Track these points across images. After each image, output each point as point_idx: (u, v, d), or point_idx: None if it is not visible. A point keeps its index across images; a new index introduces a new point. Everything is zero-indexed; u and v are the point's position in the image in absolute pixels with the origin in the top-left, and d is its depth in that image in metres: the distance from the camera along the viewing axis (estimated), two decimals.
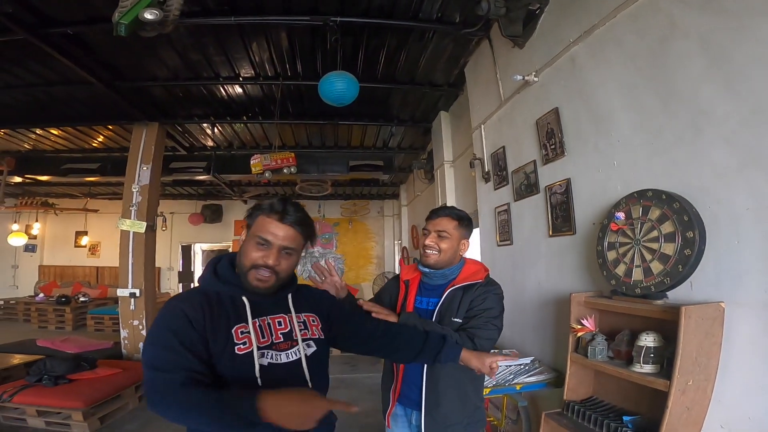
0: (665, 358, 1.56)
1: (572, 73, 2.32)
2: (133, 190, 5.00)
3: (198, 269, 11.38)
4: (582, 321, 1.97)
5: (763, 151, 1.35)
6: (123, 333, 5.03)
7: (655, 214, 1.66)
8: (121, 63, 3.99)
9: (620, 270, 1.82)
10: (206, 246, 11.81)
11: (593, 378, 2.09)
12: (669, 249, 1.59)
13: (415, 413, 1.70)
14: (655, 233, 1.65)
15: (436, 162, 5.50)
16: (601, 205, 2.09)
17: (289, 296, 1.28)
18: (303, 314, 1.29)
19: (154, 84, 4.34)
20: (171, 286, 10.90)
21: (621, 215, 1.80)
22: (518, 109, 2.95)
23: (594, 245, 2.01)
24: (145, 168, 5.08)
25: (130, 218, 4.94)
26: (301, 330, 1.24)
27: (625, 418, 1.73)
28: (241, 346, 1.12)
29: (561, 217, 2.47)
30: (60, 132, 5.77)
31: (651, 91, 1.79)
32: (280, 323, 1.22)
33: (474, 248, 4.28)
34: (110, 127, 5.58)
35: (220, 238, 11.06)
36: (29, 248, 10.51)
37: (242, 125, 5.62)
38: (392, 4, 3.18)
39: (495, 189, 3.39)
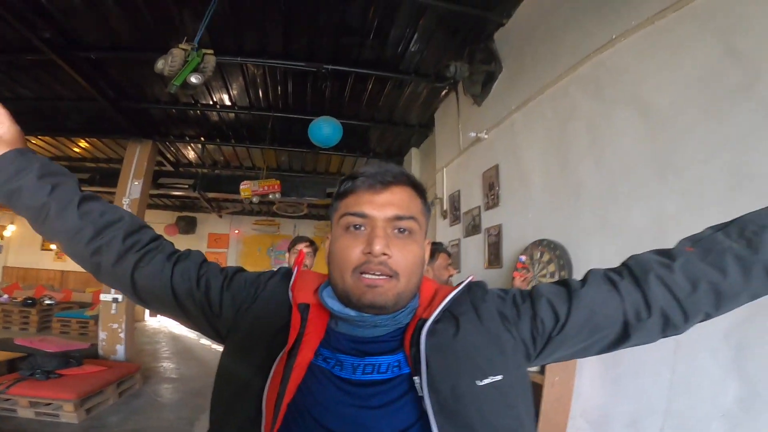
0: None
1: (511, 135, 2.92)
2: (124, 203, 5.20)
3: None
4: None
5: (609, 219, 1.97)
6: (101, 335, 5.15)
7: (546, 257, 2.28)
8: (127, 85, 4.37)
9: None
10: None
11: None
12: None
13: None
14: (544, 271, 2.28)
15: None
16: (520, 247, 2.65)
17: None
18: None
19: (156, 106, 4.71)
20: None
21: (524, 257, 2.40)
22: (472, 159, 3.55)
23: (510, 278, 2.54)
24: (136, 183, 5.32)
25: None
26: None
27: None
28: None
29: (494, 254, 3.08)
30: (38, 140, 5.82)
31: (555, 158, 2.41)
32: None
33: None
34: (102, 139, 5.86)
35: None
36: None
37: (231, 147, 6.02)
38: (377, 58, 3.71)
39: (450, 225, 3.97)
